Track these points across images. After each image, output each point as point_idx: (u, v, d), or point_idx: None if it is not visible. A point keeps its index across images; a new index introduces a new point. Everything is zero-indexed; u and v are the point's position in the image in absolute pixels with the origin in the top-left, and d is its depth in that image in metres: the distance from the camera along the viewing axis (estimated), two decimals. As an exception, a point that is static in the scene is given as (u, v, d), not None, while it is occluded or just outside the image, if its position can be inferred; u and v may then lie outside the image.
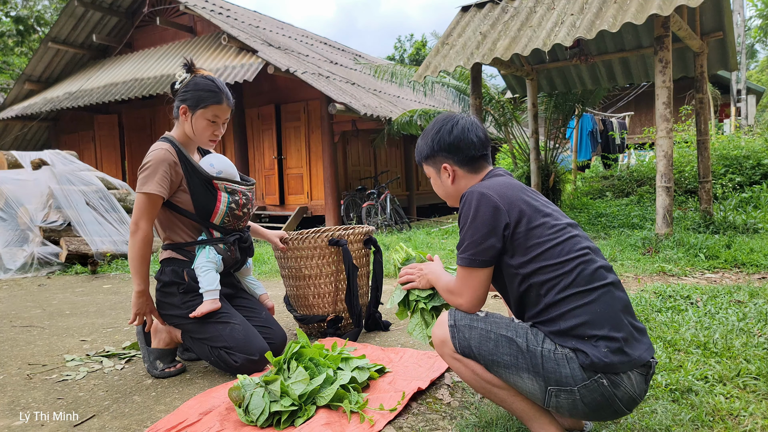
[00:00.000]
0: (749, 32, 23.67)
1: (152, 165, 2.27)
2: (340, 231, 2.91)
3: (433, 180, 1.84)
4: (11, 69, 21.12)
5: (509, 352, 1.52)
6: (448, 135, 1.74)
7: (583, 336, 1.48)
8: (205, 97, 2.35)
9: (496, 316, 1.60)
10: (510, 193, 1.60)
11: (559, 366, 1.47)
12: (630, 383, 1.47)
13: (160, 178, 2.26)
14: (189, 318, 2.29)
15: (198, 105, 2.35)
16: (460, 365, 1.61)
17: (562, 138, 8.90)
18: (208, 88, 2.36)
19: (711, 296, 3.33)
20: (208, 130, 2.38)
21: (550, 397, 1.50)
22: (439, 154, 1.76)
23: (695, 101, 6.51)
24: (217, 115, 2.38)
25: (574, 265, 1.53)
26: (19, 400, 2.14)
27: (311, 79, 9.39)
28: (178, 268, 2.36)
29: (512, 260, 1.57)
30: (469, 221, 1.59)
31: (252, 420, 1.80)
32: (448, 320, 1.61)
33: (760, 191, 7.69)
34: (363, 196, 10.31)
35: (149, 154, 2.31)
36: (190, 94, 2.36)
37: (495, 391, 1.59)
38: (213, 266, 2.35)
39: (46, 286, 5.05)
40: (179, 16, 11.56)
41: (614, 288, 1.55)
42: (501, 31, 6.09)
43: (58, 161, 6.93)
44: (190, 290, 2.34)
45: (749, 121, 15.96)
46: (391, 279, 4.66)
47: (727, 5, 5.95)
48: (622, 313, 1.52)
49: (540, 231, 1.57)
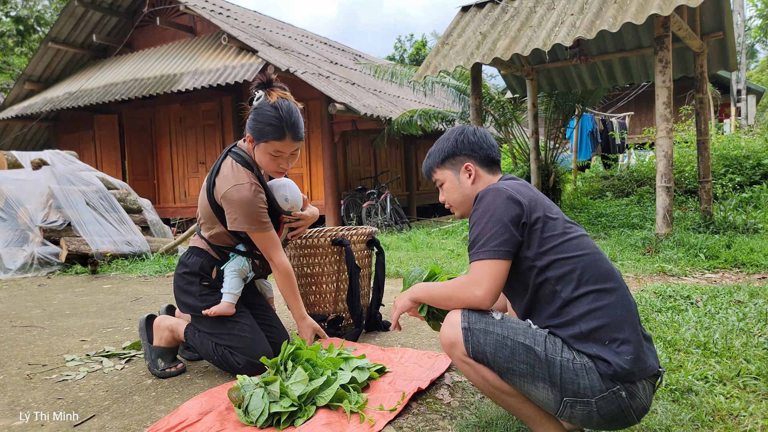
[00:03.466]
0: (749, 32, 23.67)
1: (249, 204, 2.17)
2: (343, 231, 2.91)
3: (449, 185, 1.81)
4: (11, 69, 21.12)
5: (526, 361, 1.47)
6: (473, 135, 1.79)
7: (604, 340, 1.45)
8: (267, 132, 2.17)
9: (512, 320, 1.53)
10: (524, 190, 1.62)
11: (577, 376, 1.44)
12: (644, 393, 1.46)
13: (260, 215, 2.20)
14: (201, 310, 2.29)
15: (260, 139, 2.19)
16: (470, 369, 1.56)
17: (562, 138, 8.90)
18: (269, 122, 2.16)
19: (711, 296, 3.33)
20: (272, 163, 2.23)
21: (564, 407, 1.46)
22: (462, 152, 1.78)
23: (695, 101, 6.52)
24: (280, 150, 2.19)
25: (590, 261, 1.53)
26: (19, 400, 2.13)
27: (311, 79, 9.39)
28: (207, 264, 2.33)
29: (528, 251, 1.55)
30: (487, 215, 1.56)
31: (252, 421, 1.80)
32: (461, 322, 1.53)
33: (760, 191, 7.70)
34: (363, 196, 10.31)
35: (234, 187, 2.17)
36: (252, 123, 2.20)
37: (503, 398, 1.56)
38: (241, 275, 2.37)
39: (46, 286, 5.05)
40: (179, 16, 11.56)
41: (626, 290, 1.56)
42: (501, 31, 6.09)
43: (58, 161, 6.94)
44: (212, 286, 2.33)
45: (749, 121, 15.97)
46: (392, 279, 4.66)
47: (727, 5, 5.95)
48: (636, 318, 1.52)
49: (555, 224, 1.57)
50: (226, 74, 9.54)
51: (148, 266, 5.79)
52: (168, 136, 12.15)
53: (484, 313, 1.54)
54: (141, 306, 3.96)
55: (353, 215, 10.03)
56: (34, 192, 6.26)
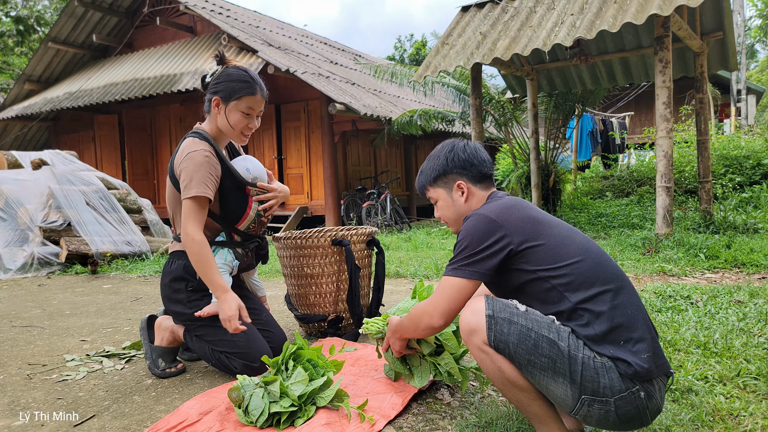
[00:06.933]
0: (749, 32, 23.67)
1: (194, 167, 2.14)
2: (343, 231, 2.90)
3: (442, 203, 1.82)
4: (11, 69, 21.12)
5: (549, 355, 1.45)
6: (463, 152, 1.79)
7: (620, 340, 1.45)
8: (239, 88, 2.24)
9: (536, 313, 1.52)
10: (511, 212, 1.61)
11: (598, 375, 1.43)
12: (659, 395, 1.47)
13: (205, 179, 2.15)
14: (193, 317, 2.25)
15: (231, 97, 2.24)
16: (486, 358, 1.53)
17: (562, 138, 8.90)
18: (241, 79, 2.25)
19: (711, 296, 3.33)
20: (242, 122, 2.27)
21: (581, 406, 1.45)
22: (454, 171, 1.78)
23: (695, 101, 6.52)
24: (252, 107, 2.27)
25: (593, 263, 1.54)
26: (19, 400, 2.14)
27: (311, 79, 9.39)
28: (189, 264, 2.25)
29: (530, 266, 1.55)
30: (467, 239, 1.59)
31: (252, 421, 1.80)
32: (486, 309, 1.51)
33: (760, 191, 7.70)
34: (363, 196, 10.31)
35: (187, 155, 2.17)
36: (222, 85, 2.26)
37: (514, 392, 1.54)
38: (227, 269, 2.32)
39: (46, 286, 5.05)
40: (179, 16, 11.56)
41: (632, 287, 1.56)
42: (501, 31, 6.09)
43: (58, 161, 6.93)
44: (198, 289, 2.29)
45: (749, 121, 15.97)
46: (392, 279, 4.66)
47: (727, 5, 5.95)
48: (645, 314, 1.53)
49: (552, 235, 1.58)
50: (226, 74, 9.53)
51: (148, 266, 5.79)
52: (168, 136, 12.14)
53: (508, 303, 1.54)
54: (141, 306, 3.96)
55: (353, 215, 10.03)
56: (34, 192, 6.26)
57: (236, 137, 2.34)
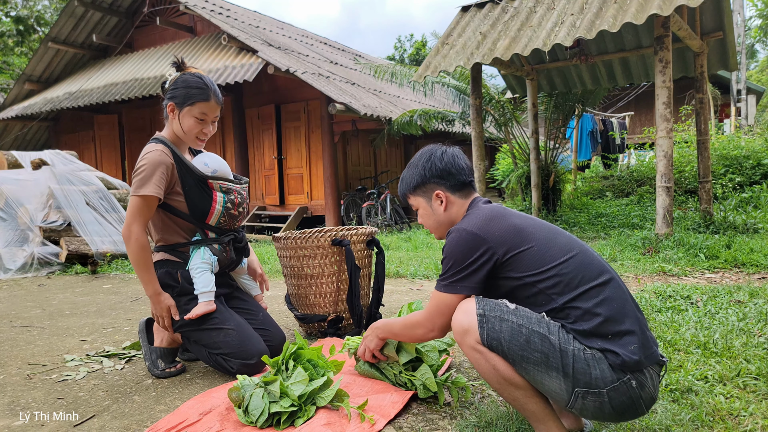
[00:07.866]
0: (749, 32, 23.68)
1: (147, 167, 2.21)
2: (343, 231, 2.91)
3: (422, 211, 1.84)
4: (11, 69, 21.12)
5: (541, 350, 1.48)
6: (440, 161, 1.80)
7: (607, 334, 1.48)
8: (193, 95, 2.30)
9: (526, 310, 1.55)
10: (493, 224, 1.63)
11: (589, 366, 1.46)
12: (652, 383, 1.49)
13: (157, 180, 2.21)
14: (184, 322, 2.26)
15: (185, 102, 2.30)
16: (481, 357, 1.55)
17: (562, 138, 8.90)
18: (195, 85, 2.31)
19: (711, 296, 3.33)
20: (195, 128, 2.33)
21: (576, 398, 1.47)
22: (431, 180, 1.80)
23: (695, 101, 6.52)
24: (205, 112, 2.32)
25: (578, 261, 1.56)
26: (19, 400, 2.14)
27: (311, 79, 9.39)
28: (172, 270, 2.32)
29: (516, 273, 1.58)
30: (453, 256, 1.62)
31: (252, 421, 1.80)
32: (477, 308, 1.55)
33: (760, 191, 7.70)
34: (363, 196, 10.32)
35: (143, 156, 2.25)
36: (178, 91, 2.32)
37: (510, 390, 1.56)
38: (208, 267, 2.32)
39: (46, 286, 5.05)
40: (179, 16, 11.56)
41: (618, 279, 1.59)
42: (501, 31, 6.09)
43: (58, 161, 6.93)
44: (184, 293, 2.30)
45: (749, 121, 15.97)
46: (391, 279, 4.66)
47: (727, 5, 5.95)
48: (633, 304, 1.55)
49: (536, 239, 1.60)
50: (226, 74, 9.54)
51: (148, 266, 5.78)
52: (168, 136, 12.14)
53: (499, 302, 1.57)
54: (141, 306, 3.96)
55: (353, 215, 10.04)
56: (34, 192, 6.26)
57: (191, 142, 2.38)
